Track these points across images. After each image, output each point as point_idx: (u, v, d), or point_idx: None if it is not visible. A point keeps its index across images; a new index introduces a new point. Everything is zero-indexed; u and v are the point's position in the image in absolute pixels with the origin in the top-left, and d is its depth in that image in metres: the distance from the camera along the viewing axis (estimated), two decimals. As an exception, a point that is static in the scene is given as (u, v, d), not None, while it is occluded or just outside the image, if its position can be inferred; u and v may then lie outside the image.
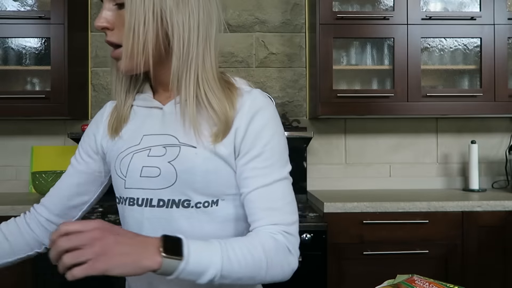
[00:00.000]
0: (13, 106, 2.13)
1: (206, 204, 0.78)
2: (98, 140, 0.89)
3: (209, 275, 0.66)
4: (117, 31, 0.76)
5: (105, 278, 1.83)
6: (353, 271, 1.92)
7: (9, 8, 2.22)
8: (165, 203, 0.79)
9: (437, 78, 2.35)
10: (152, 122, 0.82)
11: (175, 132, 0.79)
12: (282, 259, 0.74)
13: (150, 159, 0.79)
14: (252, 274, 0.71)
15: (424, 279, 0.74)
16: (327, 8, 2.16)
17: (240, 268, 0.69)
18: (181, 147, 0.78)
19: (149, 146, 0.80)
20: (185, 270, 0.64)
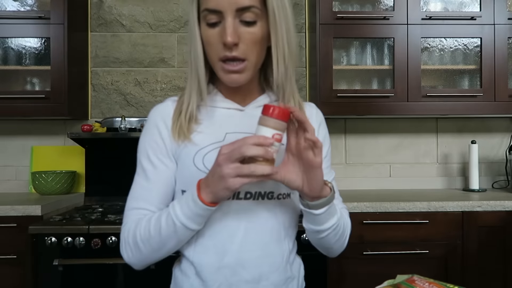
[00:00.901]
0: (13, 106, 2.13)
1: (284, 195, 0.88)
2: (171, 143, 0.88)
3: (333, 221, 0.86)
4: (242, 46, 0.81)
5: (106, 279, 1.84)
6: (353, 271, 1.92)
7: (9, 8, 2.22)
8: (252, 195, 0.84)
9: (437, 78, 2.35)
10: (233, 121, 0.89)
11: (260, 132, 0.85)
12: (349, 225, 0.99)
13: None
14: (344, 233, 0.94)
15: (424, 279, 0.74)
16: (327, 8, 2.16)
17: (343, 223, 0.92)
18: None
19: None
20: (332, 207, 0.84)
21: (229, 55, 0.81)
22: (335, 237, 0.90)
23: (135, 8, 2.48)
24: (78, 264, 1.72)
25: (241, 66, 0.82)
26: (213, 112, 0.90)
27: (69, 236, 1.71)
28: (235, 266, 0.83)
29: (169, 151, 0.89)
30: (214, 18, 0.81)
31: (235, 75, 0.83)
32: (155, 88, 2.48)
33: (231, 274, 0.84)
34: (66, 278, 1.73)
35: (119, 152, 2.28)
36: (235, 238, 0.84)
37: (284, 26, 0.83)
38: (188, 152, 0.86)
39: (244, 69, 0.83)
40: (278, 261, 0.88)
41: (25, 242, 1.82)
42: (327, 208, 0.81)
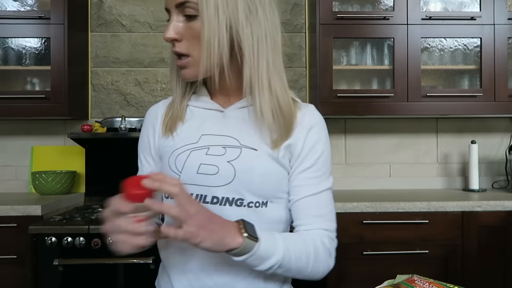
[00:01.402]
0: (13, 106, 2.13)
1: (257, 204, 0.83)
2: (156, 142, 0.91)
3: (271, 262, 0.74)
4: (185, 42, 0.80)
5: (106, 279, 1.84)
6: (353, 271, 1.92)
7: (9, 8, 2.22)
8: (219, 200, 0.82)
9: (437, 78, 2.35)
10: (211, 123, 0.86)
11: (236, 134, 0.84)
12: (324, 261, 0.82)
13: (208, 157, 0.83)
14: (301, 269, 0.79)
15: (424, 279, 0.74)
16: (327, 8, 2.16)
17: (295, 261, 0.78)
18: (242, 149, 0.83)
19: (207, 145, 0.84)
20: (257, 253, 0.72)
21: (173, 50, 0.82)
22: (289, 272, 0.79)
23: (135, 8, 2.48)
24: (78, 264, 1.72)
25: (184, 61, 0.81)
26: (195, 112, 0.89)
27: (69, 236, 1.71)
28: (198, 271, 0.82)
29: (152, 149, 0.91)
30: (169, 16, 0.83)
31: (183, 70, 0.83)
32: (155, 88, 2.48)
33: (195, 279, 0.83)
34: (66, 278, 1.73)
35: (119, 152, 2.28)
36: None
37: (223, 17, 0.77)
38: (166, 152, 0.87)
39: (188, 64, 0.81)
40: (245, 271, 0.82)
41: (25, 242, 1.82)
42: (249, 256, 0.72)
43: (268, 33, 0.82)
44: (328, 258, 0.83)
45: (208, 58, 0.79)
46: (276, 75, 0.83)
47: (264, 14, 0.82)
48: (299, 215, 0.84)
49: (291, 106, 0.85)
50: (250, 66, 0.81)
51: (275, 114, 0.82)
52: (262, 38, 0.81)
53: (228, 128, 0.85)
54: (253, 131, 0.84)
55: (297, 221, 0.85)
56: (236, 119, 0.86)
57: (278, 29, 0.86)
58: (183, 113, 0.89)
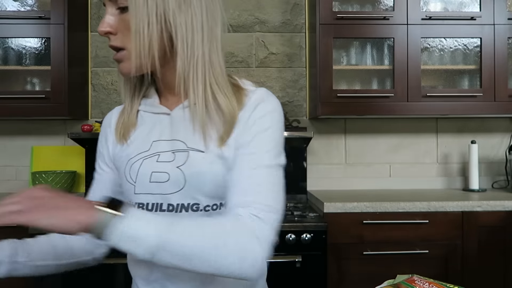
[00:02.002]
0: (13, 106, 2.13)
1: (215, 206, 0.80)
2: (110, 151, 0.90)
3: (148, 243, 0.63)
4: (120, 35, 0.77)
5: (106, 279, 1.83)
6: (353, 271, 1.92)
7: (9, 8, 2.22)
8: (174, 207, 0.79)
9: (437, 78, 2.35)
10: (161, 128, 0.83)
11: (184, 137, 0.80)
12: (243, 244, 0.67)
13: (159, 165, 0.80)
14: (201, 253, 0.65)
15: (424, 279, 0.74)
16: (327, 8, 2.16)
17: (185, 240, 0.64)
18: (189, 152, 0.79)
19: (158, 151, 0.81)
20: (121, 229, 0.62)
21: (109, 44, 0.79)
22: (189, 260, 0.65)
23: (135, 8, 2.48)
24: (78, 264, 1.72)
25: (119, 55, 0.78)
26: (145, 117, 0.86)
27: (69, 236, 1.71)
28: (163, 280, 0.81)
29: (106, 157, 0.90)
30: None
31: (119, 65, 0.79)
32: (155, 88, 2.48)
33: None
34: (66, 278, 1.73)
35: (119, 152, 2.28)
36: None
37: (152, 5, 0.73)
38: (122, 162, 0.85)
39: (123, 57, 0.78)
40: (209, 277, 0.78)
41: (25, 242, 1.82)
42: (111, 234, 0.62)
43: (205, 24, 0.77)
44: (252, 241, 0.67)
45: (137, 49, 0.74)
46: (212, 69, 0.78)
47: (200, 3, 0.76)
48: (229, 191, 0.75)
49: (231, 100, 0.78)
50: (183, 58, 0.76)
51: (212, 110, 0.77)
52: (198, 28, 0.76)
53: (176, 131, 0.82)
54: (199, 131, 0.79)
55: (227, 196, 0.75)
56: (182, 120, 0.82)
57: (217, 21, 0.79)
58: (134, 118, 0.86)
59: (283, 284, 1.77)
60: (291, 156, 2.39)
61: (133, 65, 0.76)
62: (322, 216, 1.93)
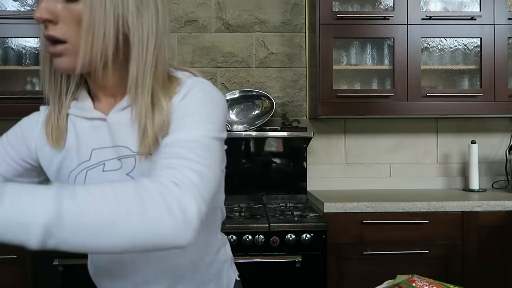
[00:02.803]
0: (13, 106, 2.13)
1: None
2: (32, 149, 0.82)
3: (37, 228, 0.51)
4: (63, 26, 0.68)
5: (105, 278, 1.80)
6: (353, 271, 1.92)
7: (9, 8, 2.22)
8: None
9: (437, 78, 2.35)
10: (99, 134, 0.76)
11: (126, 142, 0.74)
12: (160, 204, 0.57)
13: (106, 174, 0.75)
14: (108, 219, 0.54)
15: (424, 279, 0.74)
16: (327, 8, 2.16)
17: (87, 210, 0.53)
18: (136, 156, 0.73)
19: (101, 160, 0.76)
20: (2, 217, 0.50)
21: (45, 34, 0.69)
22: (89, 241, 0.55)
23: (135, 8, 2.48)
24: (78, 264, 1.72)
25: (60, 48, 0.69)
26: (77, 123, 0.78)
27: (69, 236, 1.71)
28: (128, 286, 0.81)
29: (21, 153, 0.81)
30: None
31: (58, 59, 0.71)
32: (155, 88, 2.48)
33: None
34: (66, 278, 1.73)
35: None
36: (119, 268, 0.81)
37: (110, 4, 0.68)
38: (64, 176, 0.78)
39: (65, 52, 0.69)
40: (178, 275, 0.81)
41: (25, 242, 1.82)
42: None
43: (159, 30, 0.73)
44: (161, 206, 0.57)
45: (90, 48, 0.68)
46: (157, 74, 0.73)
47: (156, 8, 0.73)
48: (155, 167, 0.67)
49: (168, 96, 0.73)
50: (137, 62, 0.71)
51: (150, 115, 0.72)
52: (153, 32, 0.72)
53: (117, 136, 0.75)
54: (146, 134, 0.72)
55: None
56: (121, 124, 0.75)
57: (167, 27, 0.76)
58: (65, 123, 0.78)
59: (283, 284, 1.77)
60: (291, 156, 2.39)
61: (80, 62, 0.69)
62: (322, 216, 1.93)
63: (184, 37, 2.49)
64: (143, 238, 0.55)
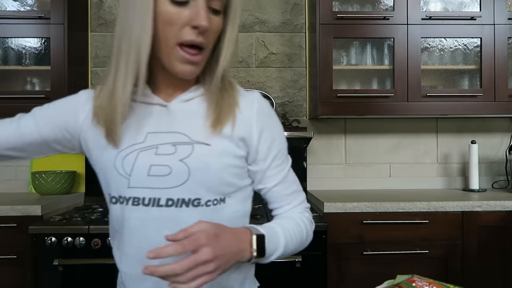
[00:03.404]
0: (13, 106, 2.12)
1: (215, 202, 0.79)
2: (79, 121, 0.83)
3: (274, 256, 0.79)
4: (209, 35, 0.76)
5: (106, 279, 1.83)
6: (353, 271, 1.92)
7: (9, 8, 2.22)
8: (174, 202, 0.78)
9: (437, 78, 2.35)
10: (156, 119, 0.81)
11: (185, 130, 0.79)
12: (311, 229, 0.90)
13: (158, 157, 0.78)
14: (298, 247, 0.87)
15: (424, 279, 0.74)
16: (327, 8, 2.16)
17: (293, 245, 0.83)
18: (194, 145, 0.78)
19: (155, 144, 0.79)
20: (262, 261, 0.77)
21: (197, 40, 0.74)
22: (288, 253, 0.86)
23: (135, 8, 2.48)
24: (78, 264, 1.72)
25: (199, 57, 0.76)
26: (135, 107, 0.81)
27: (69, 236, 1.71)
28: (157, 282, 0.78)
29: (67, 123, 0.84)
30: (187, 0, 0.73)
31: (191, 67, 0.76)
32: (155, 88, 2.48)
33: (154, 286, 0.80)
34: (66, 278, 1.73)
35: (119, 152, 2.28)
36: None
37: (238, 23, 0.81)
38: (110, 153, 0.80)
39: (201, 61, 0.77)
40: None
41: (25, 242, 1.82)
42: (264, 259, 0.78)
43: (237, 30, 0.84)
44: (312, 226, 0.91)
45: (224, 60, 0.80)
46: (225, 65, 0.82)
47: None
48: (276, 199, 0.88)
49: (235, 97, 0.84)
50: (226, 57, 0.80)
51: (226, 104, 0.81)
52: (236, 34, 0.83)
53: (175, 123, 0.80)
54: (203, 125, 0.79)
55: (274, 204, 0.89)
56: (183, 112, 0.81)
57: None
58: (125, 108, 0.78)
59: (283, 284, 1.77)
60: (291, 156, 2.38)
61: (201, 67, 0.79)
62: (322, 216, 1.93)
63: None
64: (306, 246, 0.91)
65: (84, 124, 0.84)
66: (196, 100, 0.82)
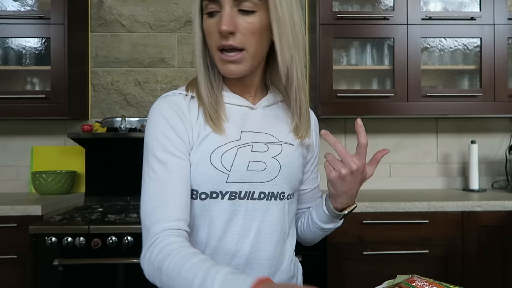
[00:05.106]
0: (13, 106, 2.13)
1: (291, 196, 0.90)
2: (191, 139, 0.84)
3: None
4: (240, 36, 0.80)
5: (106, 279, 1.83)
6: (353, 271, 1.92)
7: (9, 8, 2.22)
8: (266, 195, 0.85)
9: (437, 78, 2.35)
10: (247, 120, 0.88)
11: (272, 131, 0.89)
12: None
13: (254, 154, 0.85)
14: None
15: (424, 279, 0.74)
16: (327, 8, 2.16)
17: None
18: (282, 144, 0.88)
19: (250, 142, 0.85)
20: None
21: (225, 44, 0.80)
22: None
23: (135, 8, 2.48)
24: (78, 264, 1.72)
25: (238, 56, 0.81)
26: (227, 109, 0.88)
27: (69, 236, 1.71)
28: (244, 267, 0.83)
29: (186, 143, 0.83)
30: (213, 8, 0.80)
31: (232, 66, 0.82)
32: (155, 88, 2.48)
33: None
34: (66, 278, 1.73)
35: (119, 152, 2.28)
36: (246, 239, 0.84)
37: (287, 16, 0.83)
38: (204, 149, 0.82)
39: (241, 59, 0.81)
40: (285, 261, 0.89)
41: (25, 242, 1.82)
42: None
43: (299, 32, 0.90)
44: None
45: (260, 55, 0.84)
46: (302, 74, 0.93)
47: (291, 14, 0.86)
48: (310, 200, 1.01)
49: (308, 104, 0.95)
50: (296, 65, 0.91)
51: (305, 111, 0.92)
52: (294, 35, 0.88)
53: (263, 125, 0.88)
54: (285, 128, 0.90)
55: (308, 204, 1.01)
56: (267, 116, 0.90)
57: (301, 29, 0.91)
58: (224, 109, 0.87)
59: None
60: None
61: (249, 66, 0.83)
62: (322, 216, 1.93)
63: (184, 37, 2.49)
64: None
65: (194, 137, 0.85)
66: (277, 105, 0.93)
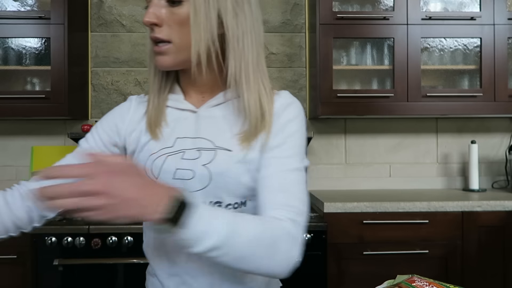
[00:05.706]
0: (13, 106, 2.13)
1: (236, 205, 0.82)
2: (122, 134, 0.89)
3: (206, 242, 0.64)
4: (166, 28, 0.78)
5: (106, 279, 1.83)
6: (353, 271, 1.92)
7: (9, 8, 2.22)
8: None
9: (437, 78, 2.35)
10: (185, 125, 0.84)
11: (211, 136, 0.82)
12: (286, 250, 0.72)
13: (183, 162, 0.81)
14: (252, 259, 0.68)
15: (424, 279, 0.74)
16: (327, 8, 2.16)
17: (244, 248, 0.67)
18: (217, 150, 0.81)
19: (182, 149, 0.82)
20: (180, 236, 0.63)
21: (152, 36, 0.79)
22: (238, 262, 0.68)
23: (135, 8, 2.48)
24: (78, 264, 1.72)
25: (164, 48, 0.79)
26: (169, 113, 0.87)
27: (69, 236, 1.71)
28: (184, 274, 0.82)
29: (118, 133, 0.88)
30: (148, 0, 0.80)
31: (160, 58, 0.80)
32: (155, 88, 2.48)
33: (181, 283, 0.83)
34: (66, 278, 1.73)
35: (119, 152, 2.28)
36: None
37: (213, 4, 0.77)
38: (142, 157, 0.84)
39: (167, 51, 0.79)
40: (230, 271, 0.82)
41: (25, 242, 1.82)
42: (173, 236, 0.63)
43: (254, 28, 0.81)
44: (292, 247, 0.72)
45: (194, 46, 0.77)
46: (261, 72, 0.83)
47: (250, 8, 0.81)
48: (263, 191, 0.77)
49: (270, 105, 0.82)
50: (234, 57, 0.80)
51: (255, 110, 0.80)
52: (248, 31, 0.80)
53: (202, 129, 0.84)
54: (228, 130, 0.82)
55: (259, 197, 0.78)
56: (210, 118, 0.84)
57: (261, 27, 0.84)
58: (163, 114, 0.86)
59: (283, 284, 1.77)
60: (291, 156, 2.38)
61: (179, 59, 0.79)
62: (322, 216, 1.93)
63: (184, 37, 2.49)
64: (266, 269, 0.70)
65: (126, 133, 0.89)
66: (223, 106, 0.85)
